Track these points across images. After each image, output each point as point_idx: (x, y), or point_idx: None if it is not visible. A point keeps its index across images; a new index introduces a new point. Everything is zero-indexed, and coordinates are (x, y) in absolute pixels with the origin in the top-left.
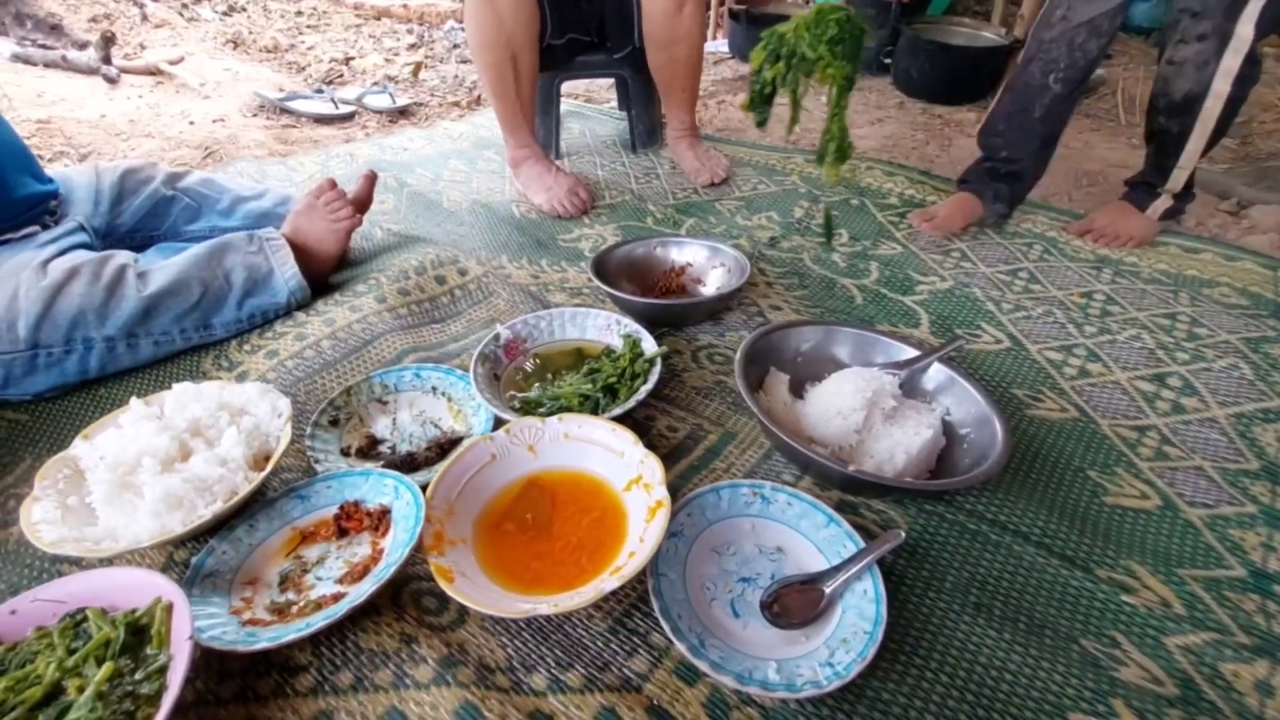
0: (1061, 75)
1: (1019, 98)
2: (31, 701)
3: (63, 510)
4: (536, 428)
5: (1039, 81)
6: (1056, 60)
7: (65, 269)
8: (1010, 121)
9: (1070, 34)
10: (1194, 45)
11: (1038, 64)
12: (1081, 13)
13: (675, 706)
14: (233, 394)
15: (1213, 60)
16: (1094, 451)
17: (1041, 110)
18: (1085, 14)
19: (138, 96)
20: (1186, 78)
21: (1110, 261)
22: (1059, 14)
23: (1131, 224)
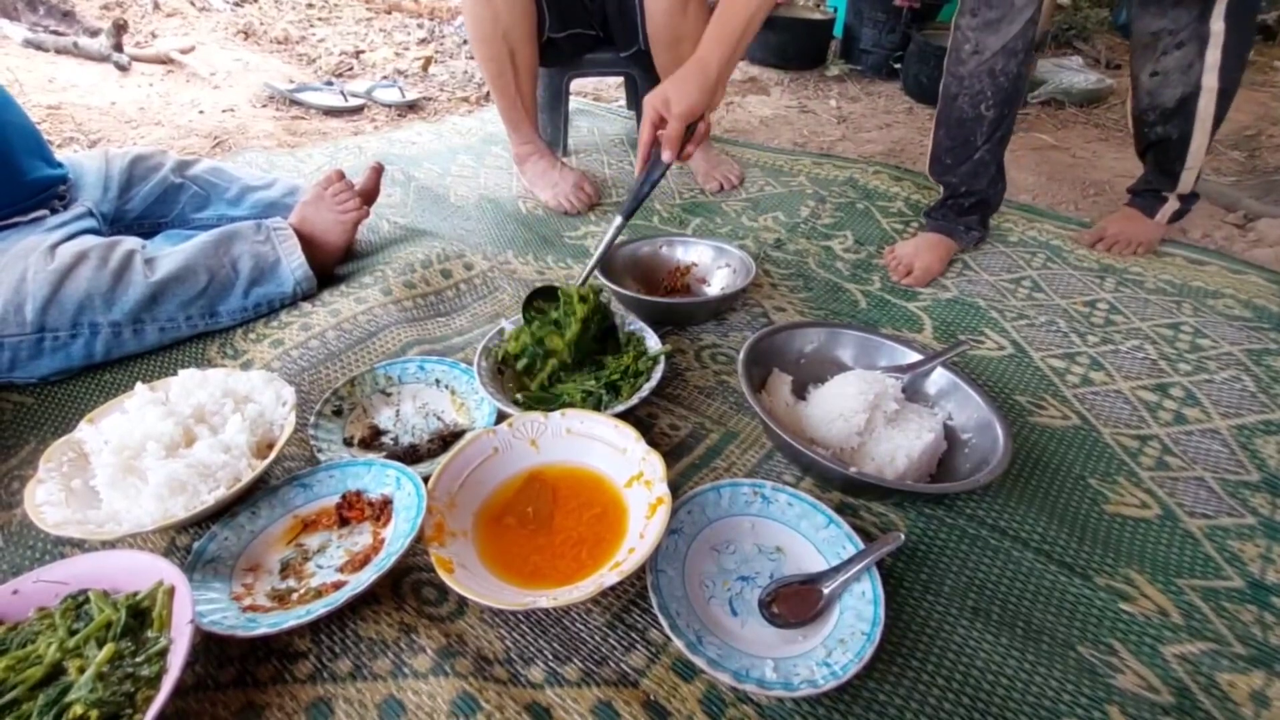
0: (991, 102)
1: (955, 132)
2: (32, 681)
3: (66, 493)
4: (539, 422)
5: (971, 114)
6: (982, 91)
7: (73, 253)
8: (955, 156)
9: (988, 64)
10: (1174, 54)
11: (964, 98)
12: (990, 44)
13: (672, 702)
14: (238, 381)
15: (1196, 61)
16: (1095, 459)
17: (983, 138)
18: (995, 44)
19: (148, 85)
20: (1174, 84)
21: (1114, 270)
22: (968, 49)
23: (1142, 230)
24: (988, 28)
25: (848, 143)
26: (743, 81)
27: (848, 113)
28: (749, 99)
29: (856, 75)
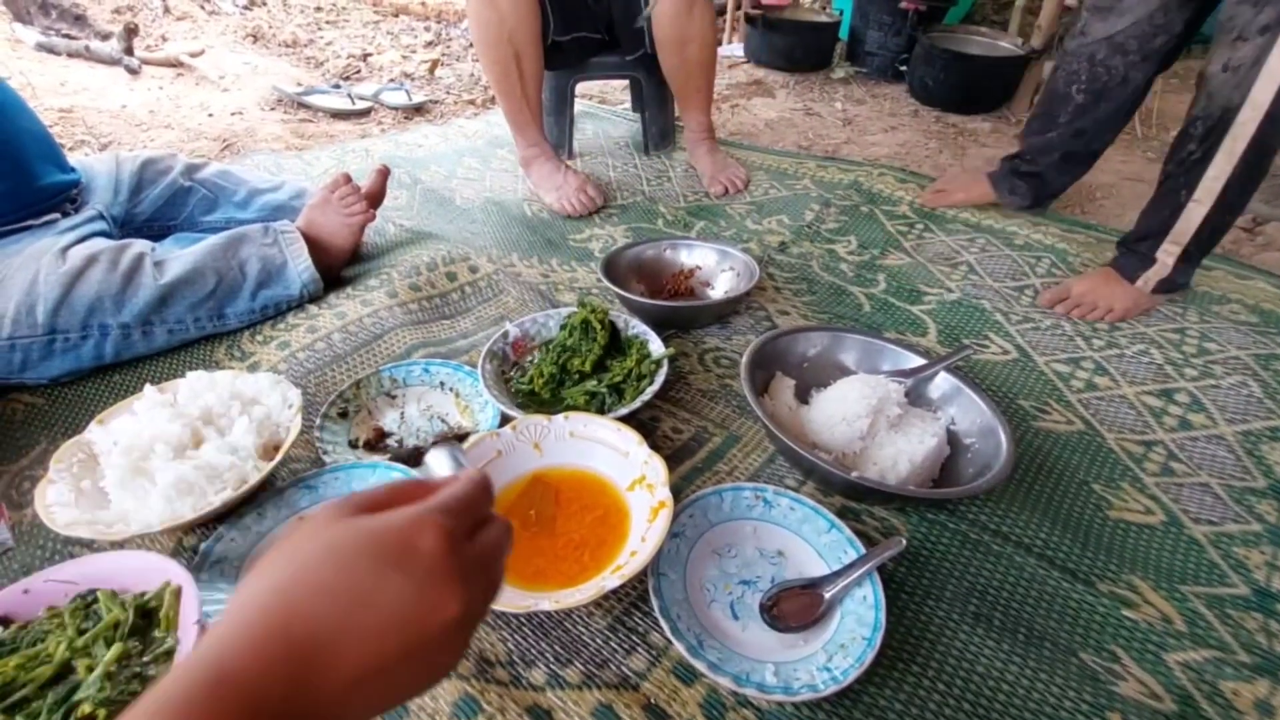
0: (1083, 88)
1: (1045, 102)
2: (41, 680)
3: (76, 493)
4: (543, 425)
5: (1062, 90)
6: (1077, 73)
7: (84, 256)
8: (1037, 125)
9: (1090, 49)
10: (1254, 41)
11: (1062, 73)
12: (1096, 30)
13: (672, 706)
14: (245, 384)
15: (1262, 58)
16: (1099, 465)
17: (1065, 119)
18: (1101, 31)
19: (158, 88)
20: (1234, 86)
21: None
22: (1078, 28)
23: (1115, 293)
24: (1097, 13)
25: (853, 145)
26: (748, 84)
27: (853, 115)
28: (754, 101)
29: (862, 78)
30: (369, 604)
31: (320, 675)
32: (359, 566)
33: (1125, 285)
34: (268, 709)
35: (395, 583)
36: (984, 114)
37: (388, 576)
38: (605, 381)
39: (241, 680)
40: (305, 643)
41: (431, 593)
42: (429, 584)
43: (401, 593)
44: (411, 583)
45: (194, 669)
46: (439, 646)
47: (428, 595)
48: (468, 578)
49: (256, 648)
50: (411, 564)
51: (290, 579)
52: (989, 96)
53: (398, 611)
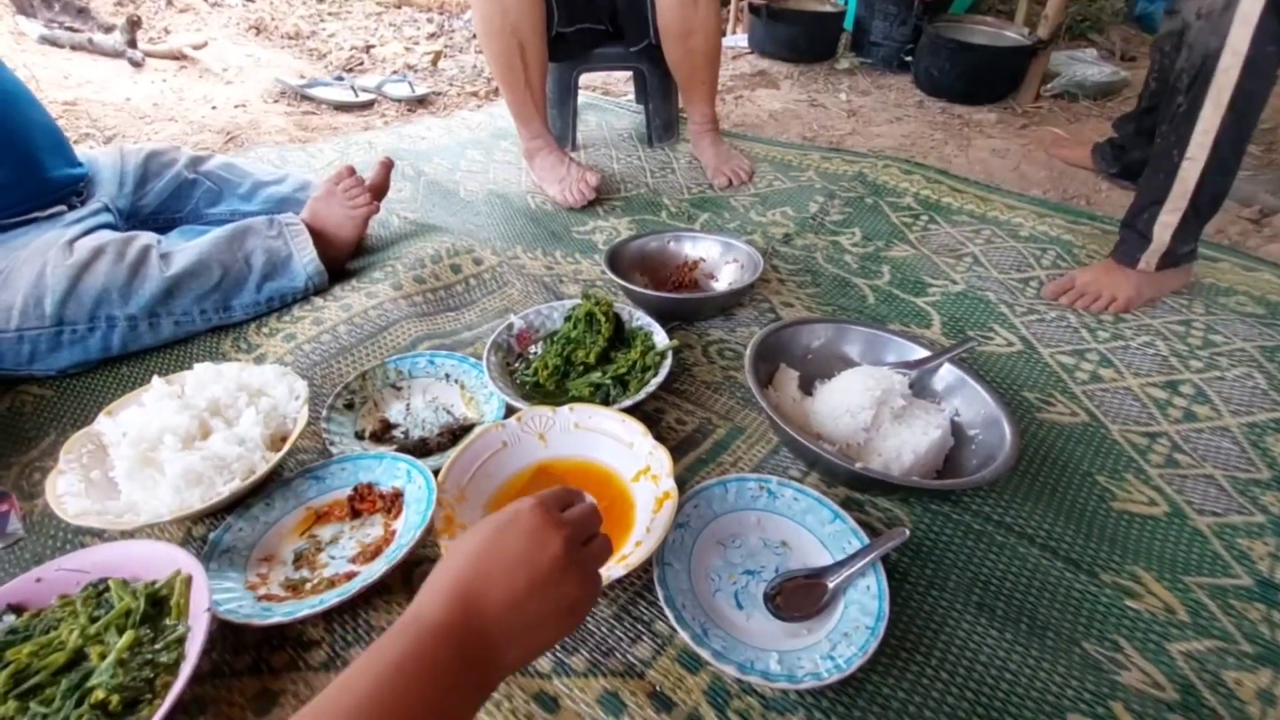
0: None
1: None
2: (55, 666)
3: (86, 484)
4: (547, 417)
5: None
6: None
7: (91, 248)
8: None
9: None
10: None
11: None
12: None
13: (677, 693)
14: (252, 375)
15: (1233, 2)
16: (1103, 456)
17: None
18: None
19: (161, 80)
20: (1210, 32)
21: None
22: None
23: (1119, 283)
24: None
25: (857, 136)
26: (752, 75)
27: (857, 106)
28: (758, 92)
29: (867, 68)
30: (498, 555)
31: (480, 609)
32: (490, 536)
33: (1128, 273)
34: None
35: (512, 538)
36: (990, 105)
37: (506, 536)
38: (610, 373)
39: (429, 621)
40: (467, 589)
41: (536, 536)
42: (534, 533)
43: (516, 541)
44: (522, 534)
45: (404, 617)
46: (555, 582)
47: (535, 538)
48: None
49: (440, 597)
50: (518, 524)
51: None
52: (995, 87)
53: (517, 555)
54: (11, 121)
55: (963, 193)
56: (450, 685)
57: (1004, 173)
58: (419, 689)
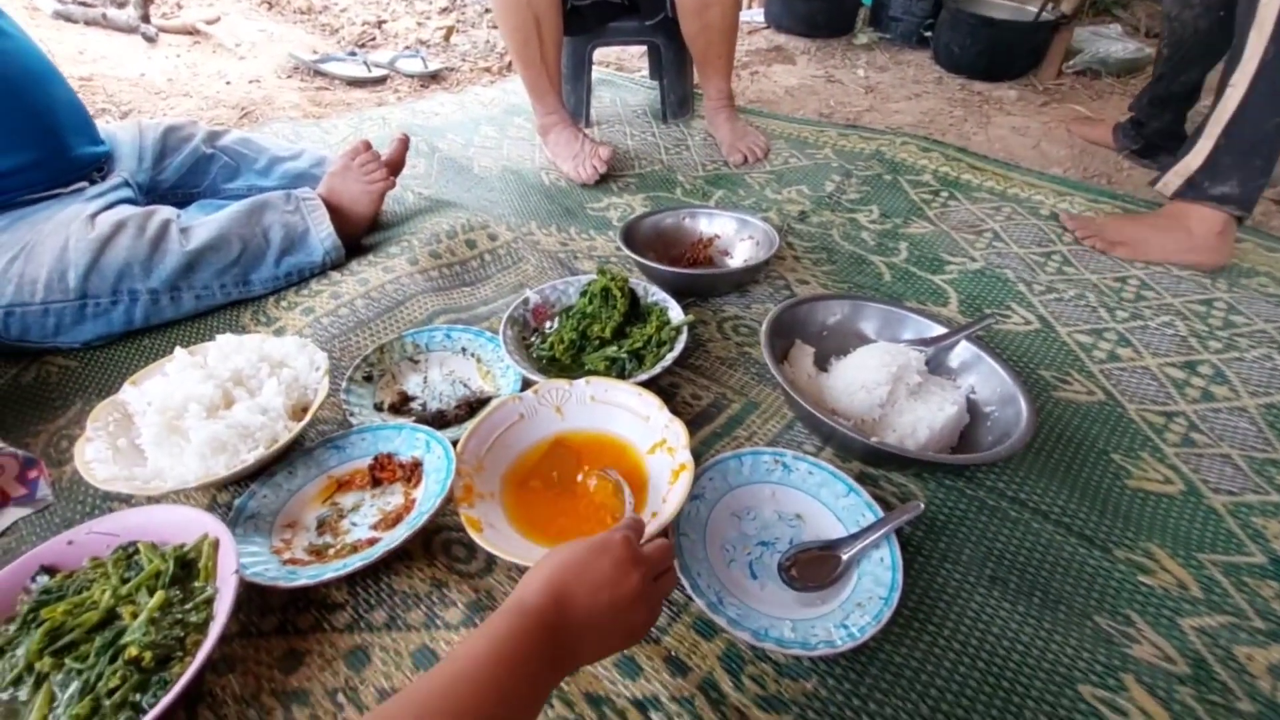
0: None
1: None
2: (89, 625)
3: (113, 451)
4: (564, 390)
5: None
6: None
7: (112, 222)
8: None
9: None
10: None
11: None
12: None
13: (692, 658)
14: (273, 347)
15: None
16: (1119, 435)
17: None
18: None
19: (175, 56)
20: None
21: None
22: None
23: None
24: None
25: (875, 113)
26: (768, 50)
27: (875, 82)
28: (774, 68)
29: (885, 44)
30: (589, 573)
31: (569, 610)
32: (585, 555)
33: (1144, 227)
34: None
35: (603, 563)
36: (1010, 81)
37: (599, 559)
38: (625, 348)
39: (531, 607)
40: (561, 591)
41: (622, 567)
42: (620, 564)
43: (605, 568)
44: (611, 562)
45: (510, 602)
46: (628, 608)
47: (620, 569)
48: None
49: (541, 591)
50: (610, 554)
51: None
52: (1016, 63)
53: (604, 578)
54: (40, 101)
55: (983, 170)
56: (544, 660)
57: (1024, 150)
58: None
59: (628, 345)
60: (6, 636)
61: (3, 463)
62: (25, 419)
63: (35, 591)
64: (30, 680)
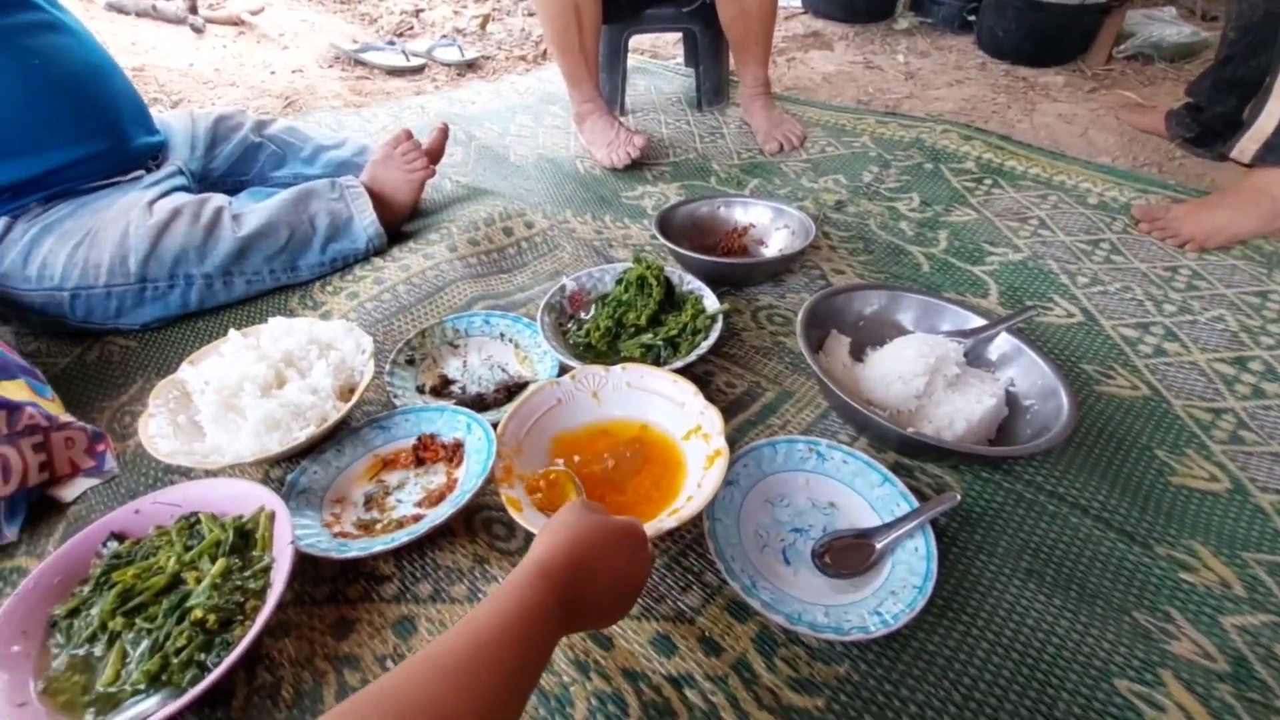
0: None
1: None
2: (156, 588)
3: (174, 426)
4: (601, 375)
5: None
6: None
7: (169, 209)
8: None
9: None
10: None
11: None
12: None
13: (726, 639)
14: (321, 330)
15: None
16: (1164, 431)
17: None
18: None
19: (222, 46)
20: None
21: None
22: None
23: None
24: None
25: (915, 100)
26: (805, 36)
27: (916, 69)
28: (811, 54)
29: (927, 29)
30: (610, 558)
31: (586, 588)
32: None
33: (1215, 210)
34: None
35: (625, 552)
36: (1057, 67)
37: (622, 548)
38: (661, 335)
39: (554, 574)
40: (582, 569)
41: (638, 560)
42: (638, 557)
43: (626, 557)
44: (631, 554)
45: (530, 563)
46: (632, 594)
47: (637, 560)
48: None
49: (562, 564)
50: (632, 546)
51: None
52: (1064, 48)
53: (624, 567)
54: (103, 94)
55: (1028, 158)
56: (557, 626)
57: (1070, 139)
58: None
59: (663, 333)
60: (81, 597)
61: (73, 436)
62: (91, 396)
63: (106, 556)
64: (104, 638)
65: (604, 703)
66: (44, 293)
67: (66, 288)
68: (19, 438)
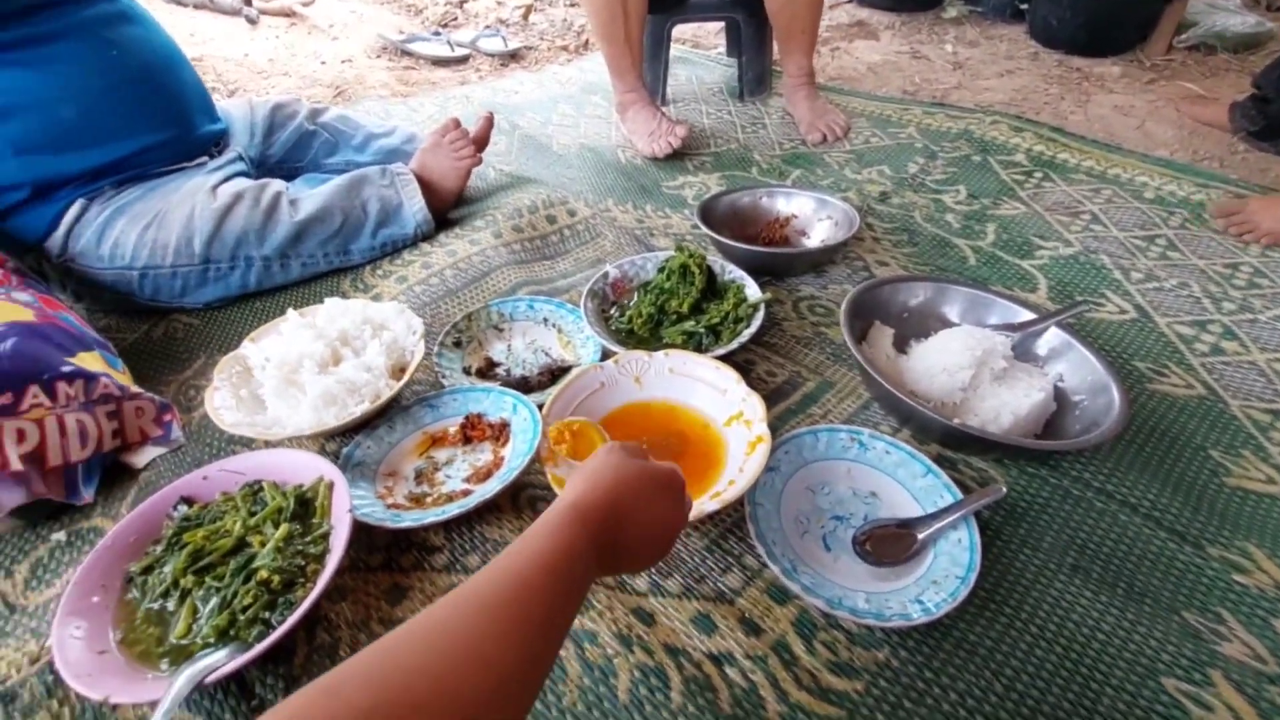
0: None
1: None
2: (224, 550)
3: (236, 400)
4: (643, 361)
5: None
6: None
7: (231, 193)
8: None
9: None
10: None
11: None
12: None
13: (766, 621)
14: (374, 311)
15: None
16: (1219, 431)
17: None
18: None
19: (275, 37)
20: None
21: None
22: None
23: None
24: None
25: (964, 91)
26: (850, 25)
27: (964, 59)
28: (856, 44)
29: (976, 17)
30: (649, 504)
31: (622, 535)
32: (651, 485)
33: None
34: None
35: (666, 499)
36: (1114, 56)
37: (663, 495)
38: (703, 322)
39: (592, 520)
40: (621, 517)
41: (679, 507)
42: (678, 504)
43: (666, 505)
44: (670, 503)
45: (570, 504)
46: (669, 541)
47: (677, 508)
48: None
49: (600, 510)
50: (672, 495)
51: (618, 482)
52: (1122, 37)
53: (663, 514)
54: (173, 84)
55: (1081, 150)
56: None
57: (1126, 131)
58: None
59: (705, 320)
60: (155, 556)
61: (142, 405)
62: (157, 369)
63: (177, 518)
64: (176, 594)
65: (646, 675)
66: (115, 271)
67: (136, 267)
68: (95, 406)
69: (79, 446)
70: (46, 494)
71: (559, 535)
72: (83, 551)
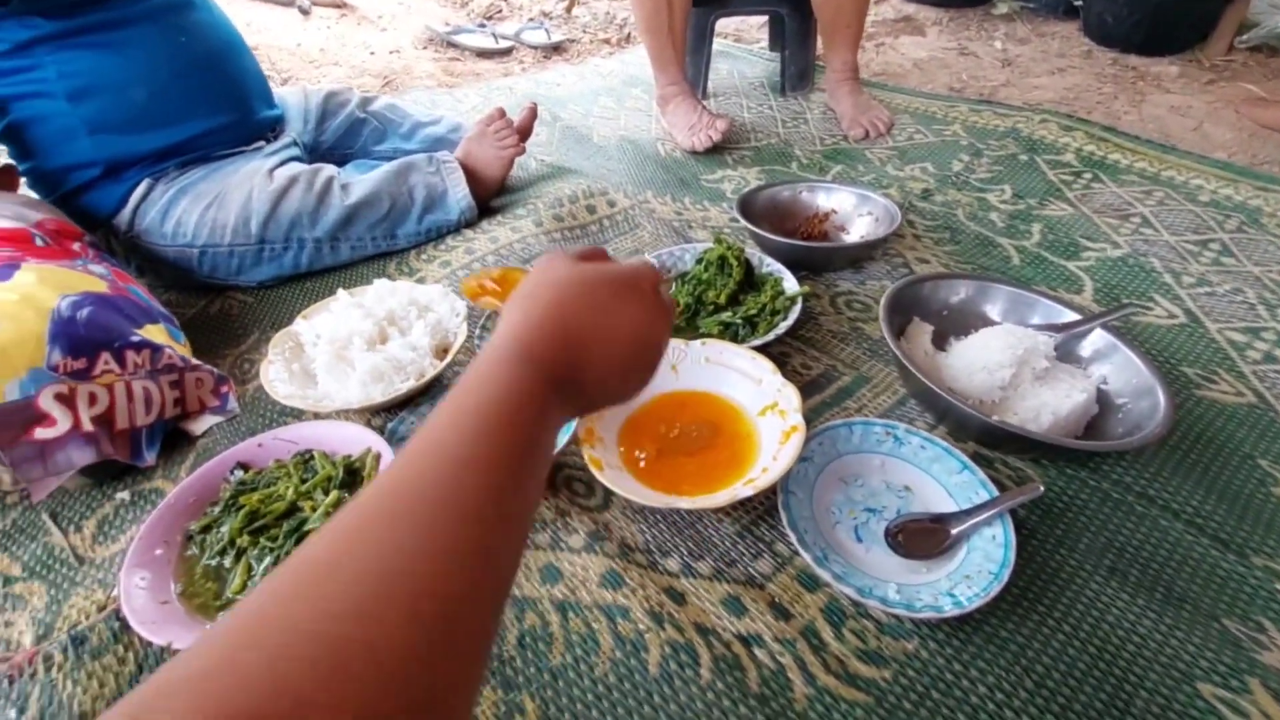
0: None
1: None
2: (277, 513)
3: (289, 374)
4: (680, 349)
5: None
6: None
7: (287, 177)
8: None
9: None
10: None
11: None
12: None
13: (795, 606)
14: (420, 293)
15: None
16: (1269, 440)
17: None
18: None
19: (326, 27)
20: None
21: None
22: None
23: None
24: None
25: (1012, 89)
26: (896, 21)
27: (1014, 55)
28: (902, 40)
29: (1028, 14)
30: (616, 322)
31: (583, 362)
32: (608, 295)
33: None
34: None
35: (632, 308)
36: (1171, 55)
37: (628, 303)
38: (740, 314)
39: (538, 352)
40: (575, 340)
41: (654, 316)
42: (653, 311)
43: (635, 315)
44: (643, 309)
45: (505, 341)
46: (652, 358)
47: (653, 318)
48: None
49: (546, 336)
50: (642, 298)
51: (562, 297)
52: (1180, 36)
53: (634, 328)
54: (235, 70)
55: (1133, 150)
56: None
57: (1182, 132)
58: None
59: (742, 312)
60: (213, 516)
61: (202, 377)
62: (214, 343)
63: (234, 482)
64: (232, 552)
65: (677, 651)
66: (177, 248)
67: (196, 245)
68: (159, 375)
69: (144, 412)
70: (114, 455)
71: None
72: (145, 510)
